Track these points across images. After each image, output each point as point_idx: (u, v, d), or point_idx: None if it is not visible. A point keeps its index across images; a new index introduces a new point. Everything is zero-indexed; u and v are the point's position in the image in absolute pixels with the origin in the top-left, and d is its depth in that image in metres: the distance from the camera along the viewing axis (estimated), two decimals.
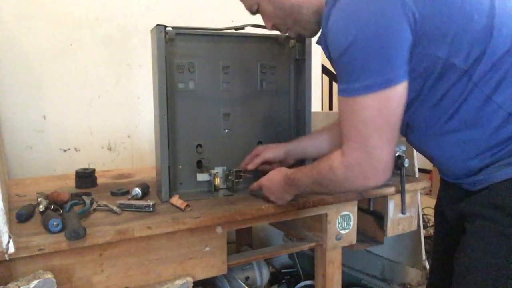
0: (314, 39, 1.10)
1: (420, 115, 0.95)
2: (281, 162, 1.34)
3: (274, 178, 1.19)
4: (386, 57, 0.83)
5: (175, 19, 2.12)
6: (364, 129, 0.87)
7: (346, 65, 0.86)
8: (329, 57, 0.93)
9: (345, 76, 0.88)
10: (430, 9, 0.83)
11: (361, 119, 0.87)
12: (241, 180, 1.34)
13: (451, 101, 0.90)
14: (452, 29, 0.84)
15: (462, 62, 0.86)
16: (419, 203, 1.61)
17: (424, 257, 1.79)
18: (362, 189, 1.19)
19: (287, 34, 1.12)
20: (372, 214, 1.54)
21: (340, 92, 0.90)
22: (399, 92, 0.85)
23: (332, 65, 0.94)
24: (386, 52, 0.82)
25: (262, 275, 1.79)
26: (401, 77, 0.84)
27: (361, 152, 0.88)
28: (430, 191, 3.50)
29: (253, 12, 1.10)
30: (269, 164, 1.34)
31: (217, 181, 1.32)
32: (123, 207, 1.17)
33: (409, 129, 1.00)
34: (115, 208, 1.15)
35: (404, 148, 1.40)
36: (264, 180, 1.22)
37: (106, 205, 1.18)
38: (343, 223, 1.38)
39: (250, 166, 1.32)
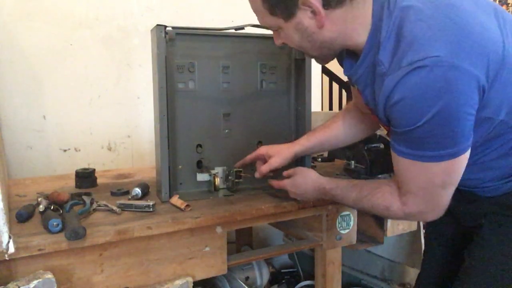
0: None
1: None
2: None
3: (304, 185, 1.17)
4: (459, 133, 0.82)
5: (175, 19, 2.12)
6: (431, 188, 0.89)
7: (417, 138, 0.85)
8: (383, 114, 0.88)
9: (413, 144, 0.86)
10: (494, 79, 0.82)
11: (428, 180, 0.89)
12: (241, 180, 1.34)
13: (490, 144, 0.92)
14: (509, 96, 0.85)
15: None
16: None
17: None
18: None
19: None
20: (372, 214, 1.54)
21: (402, 154, 0.89)
22: (467, 155, 0.86)
23: (383, 124, 0.92)
24: (459, 129, 0.82)
25: (262, 275, 1.79)
26: (468, 146, 0.85)
27: (426, 206, 0.92)
28: None
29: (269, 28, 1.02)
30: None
31: (217, 181, 1.32)
32: (123, 207, 1.17)
33: None
34: (115, 208, 1.15)
35: None
36: (290, 186, 1.20)
37: (106, 205, 1.18)
38: (343, 223, 1.38)
39: (258, 175, 1.29)
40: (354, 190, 1.05)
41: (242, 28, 1.31)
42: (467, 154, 0.86)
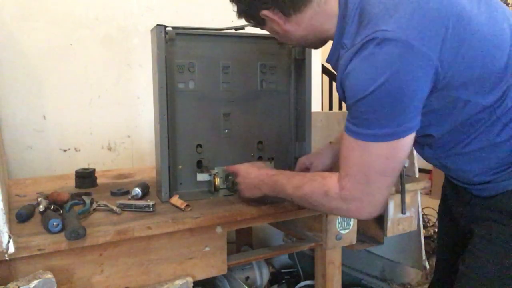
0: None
1: (440, 139, 0.96)
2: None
3: (251, 171, 1.18)
4: (401, 111, 0.83)
5: (175, 19, 2.12)
6: (369, 172, 0.88)
7: (361, 111, 0.86)
8: (340, 88, 0.92)
9: (358, 120, 0.87)
10: (455, 56, 0.82)
11: (367, 163, 0.88)
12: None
13: (472, 129, 0.91)
14: (475, 73, 0.84)
15: (485, 100, 0.87)
16: (419, 203, 1.61)
17: (424, 257, 1.79)
18: (350, 218, 1.17)
19: None
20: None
21: (349, 132, 0.89)
22: (408, 142, 0.86)
23: (344, 102, 0.94)
24: (402, 107, 0.83)
25: (262, 275, 1.79)
26: (412, 128, 0.86)
27: (362, 191, 0.90)
28: (430, 191, 3.50)
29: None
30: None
31: (217, 181, 1.32)
32: (123, 207, 1.17)
33: (426, 147, 1.01)
34: (115, 208, 1.15)
35: None
36: (240, 169, 1.21)
37: (106, 205, 1.18)
38: (343, 223, 1.38)
39: None
40: (297, 177, 1.05)
41: (242, 28, 1.31)
42: (409, 140, 0.85)
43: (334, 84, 3.98)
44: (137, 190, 1.28)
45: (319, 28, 0.99)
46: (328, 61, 1.03)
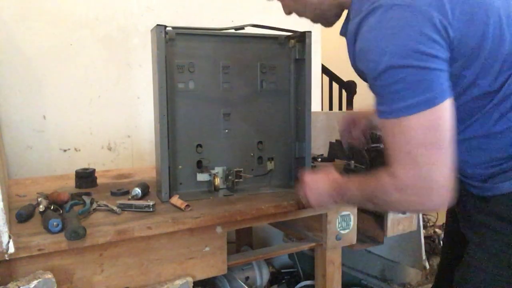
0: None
1: None
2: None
3: (319, 179, 1.08)
4: (424, 76, 0.79)
5: (175, 19, 2.12)
6: (415, 149, 0.81)
7: (385, 86, 0.82)
8: (354, 64, 0.90)
9: (385, 97, 0.83)
10: (466, 29, 0.81)
11: (410, 139, 0.81)
12: (241, 180, 1.34)
13: (469, 115, 0.90)
14: (485, 51, 0.83)
15: (488, 85, 0.86)
16: None
17: (424, 257, 1.79)
18: (420, 211, 1.01)
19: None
20: (372, 214, 1.54)
21: (381, 114, 0.85)
22: (445, 108, 0.80)
23: (364, 80, 0.91)
24: (423, 71, 0.79)
25: (262, 275, 1.79)
26: (444, 93, 0.81)
27: (413, 175, 0.82)
28: None
29: None
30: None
31: (217, 181, 1.32)
32: (123, 207, 1.17)
33: None
34: (115, 208, 1.15)
35: None
36: (308, 177, 1.11)
37: (106, 205, 1.18)
38: (343, 223, 1.38)
39: (355, 133, 1.37)
40: (360, 177, 0.98)
41: (242, 28, 1.32)
42: (446, 106, 0.80)
43: (334, 84, 3.98)
44: (137, 190, 1.28)
45: None
46: (341, 33, 1.01)
